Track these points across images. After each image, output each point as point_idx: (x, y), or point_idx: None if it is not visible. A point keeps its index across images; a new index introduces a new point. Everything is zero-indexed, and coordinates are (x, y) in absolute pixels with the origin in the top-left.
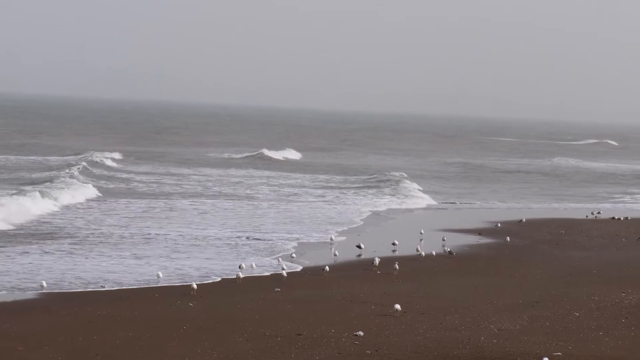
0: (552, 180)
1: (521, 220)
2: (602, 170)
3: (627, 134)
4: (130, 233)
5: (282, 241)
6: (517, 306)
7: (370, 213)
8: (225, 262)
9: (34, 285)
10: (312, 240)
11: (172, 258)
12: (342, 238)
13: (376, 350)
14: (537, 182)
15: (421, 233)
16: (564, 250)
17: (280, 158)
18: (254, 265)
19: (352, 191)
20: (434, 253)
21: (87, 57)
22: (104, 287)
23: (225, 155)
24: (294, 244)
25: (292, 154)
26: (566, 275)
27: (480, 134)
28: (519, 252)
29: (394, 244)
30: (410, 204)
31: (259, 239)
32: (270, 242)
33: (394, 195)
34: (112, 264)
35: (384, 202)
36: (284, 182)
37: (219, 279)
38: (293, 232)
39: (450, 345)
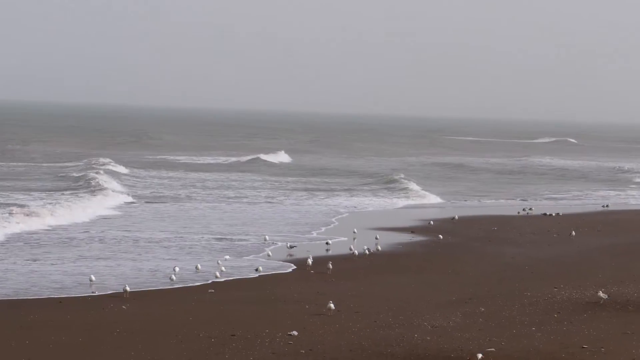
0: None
1: (454, 218)
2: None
3: (567, 131)
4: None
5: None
6: (450, 303)
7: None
8: (169, 264)
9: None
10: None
11: (114, 259)
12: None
13: (310, 350)
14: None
15: (354, 232)
16: (497, 246)
17: (276, 162)
18: (199, 266)
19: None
20: (367, 252)
21: None
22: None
23: (222, 159)
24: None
25: (285, 158)
26: (499, 271)
27: (444, 134)
28: (452, 249)
29: (327, 243)
30: (421, 201)
31: (231, 240)
32: (234, 242)
33: (407, 196)
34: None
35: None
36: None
37: (155, 281)
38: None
39: (384, 343)
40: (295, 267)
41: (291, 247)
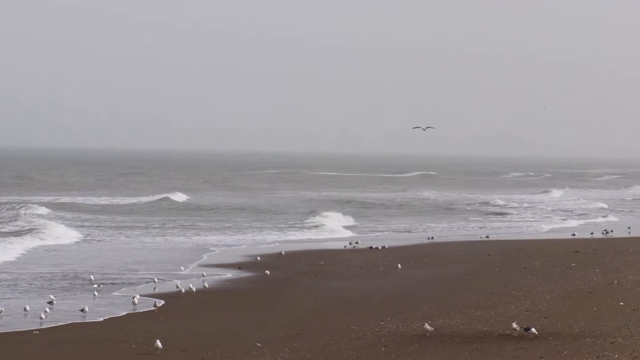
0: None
1: (281, 253)
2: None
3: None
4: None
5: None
6: (278, 339)
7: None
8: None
9: None
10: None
11: None
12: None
13: None
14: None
15: (182, 269)
16: (323, 281)
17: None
18: (27, 308)
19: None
20: (194, 289)
21: None
22: None
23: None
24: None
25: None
26: (326, 305)
27: (310, 169)
28: (279, 284)
29: (154, 280)
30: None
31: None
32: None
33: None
34: None
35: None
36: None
37: None
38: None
39: None
40: (123, 305)
41: (50, 302)
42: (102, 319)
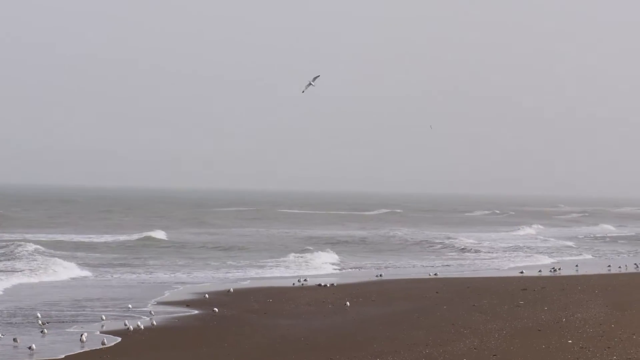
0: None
1: (229, 290)
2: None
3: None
4: None
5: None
6: None
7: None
8: None
9: None
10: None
11: None
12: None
13: None
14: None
15: (129, 308)
16: (272, 318)
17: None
18: None
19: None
20: (142, 327)
21: None
22: None
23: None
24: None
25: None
26: (274, 343)
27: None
28: (227, 322)
29: (102, 318)
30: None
31: None
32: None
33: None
34: None
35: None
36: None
37: None
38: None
39: None
40: (71, 343)
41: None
42: (49, 357)
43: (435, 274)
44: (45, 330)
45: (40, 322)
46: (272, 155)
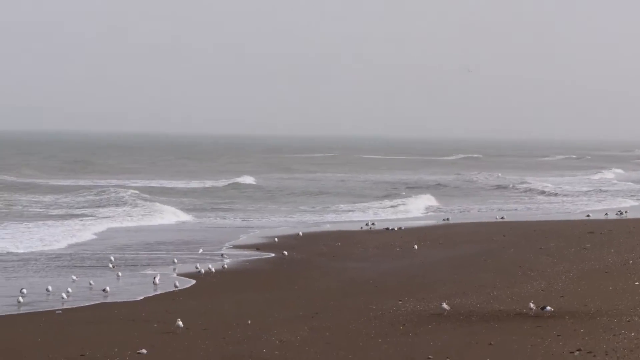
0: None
1: (298, 234)
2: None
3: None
4: None
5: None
6: (297, 318)
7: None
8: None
9: None
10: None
11: None
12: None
13: None
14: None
15: (200, 252)
16: (341, 262)
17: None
18: (49, 288)
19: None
20: (213, 270)
21: None
22: None
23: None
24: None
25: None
26: (344, 286)
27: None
28: (297, 265)
29: (174, 261)
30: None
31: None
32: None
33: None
34: None
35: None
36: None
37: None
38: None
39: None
40: (145, 286)
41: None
42: (123, 299)
43: (502, 218)
44: (120, 274)
45: (111, 265)
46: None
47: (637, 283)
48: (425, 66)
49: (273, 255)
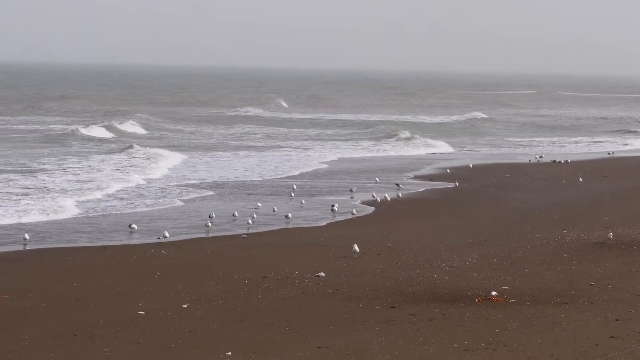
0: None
1: (469, 166)
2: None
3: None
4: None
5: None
6: (466, 245)
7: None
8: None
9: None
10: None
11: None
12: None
13: (337, 289)
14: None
15: (376, 181)
16: (509, 192)
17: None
18: (236, 214)
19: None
20: (388, 198)
21: None
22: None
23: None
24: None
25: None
26: (511, 215)
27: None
28: (467, 195)
29: (351, 190)
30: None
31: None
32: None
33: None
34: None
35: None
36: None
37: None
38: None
39: (405, 283)
40: (324, 213)
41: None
42: (304, 225)
43: None
44: (303, 201)
45: (292, 194)
46: None
47: None
48: None
49: (445, 185)
